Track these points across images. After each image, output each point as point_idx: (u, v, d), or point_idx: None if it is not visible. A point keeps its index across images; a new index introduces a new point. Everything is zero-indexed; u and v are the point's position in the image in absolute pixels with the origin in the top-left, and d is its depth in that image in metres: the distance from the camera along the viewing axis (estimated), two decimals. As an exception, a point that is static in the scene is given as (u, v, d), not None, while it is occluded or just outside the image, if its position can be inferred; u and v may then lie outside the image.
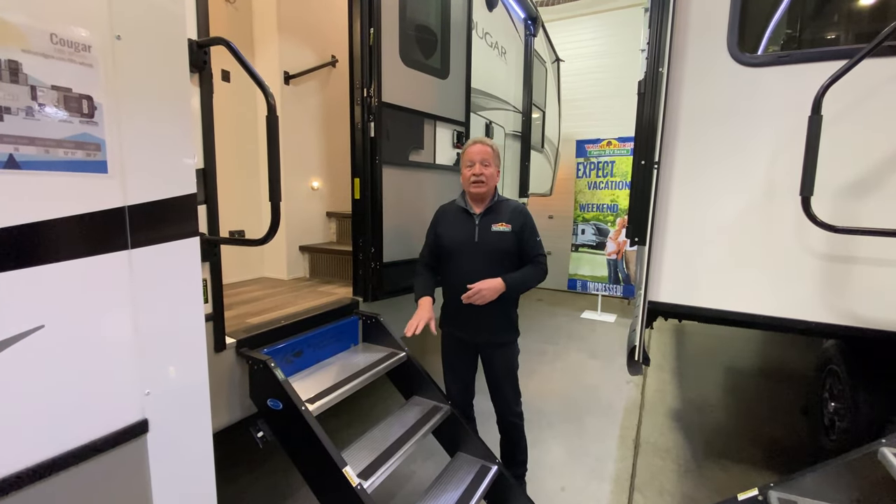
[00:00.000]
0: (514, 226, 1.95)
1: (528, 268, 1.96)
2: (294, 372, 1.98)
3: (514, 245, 1.95)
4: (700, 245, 1.91)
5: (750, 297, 1.82)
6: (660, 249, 1.98)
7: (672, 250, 1.96)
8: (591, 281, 6.39)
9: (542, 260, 1.97)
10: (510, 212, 1.99)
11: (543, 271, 1.97)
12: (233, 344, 1.76)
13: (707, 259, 1.89)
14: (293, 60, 3.09)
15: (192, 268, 0.95)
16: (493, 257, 1.94)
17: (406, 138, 2.53)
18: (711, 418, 3.30)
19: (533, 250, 1.97)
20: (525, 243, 1.97)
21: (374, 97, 2.31)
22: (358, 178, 2.39)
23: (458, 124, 2.91)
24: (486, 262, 1.94)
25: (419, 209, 2.65)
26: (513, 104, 4.58)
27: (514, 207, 2.01)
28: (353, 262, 2.47)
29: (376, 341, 2.39)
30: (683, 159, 1.93)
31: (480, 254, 1.96)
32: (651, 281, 1.98)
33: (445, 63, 2.80)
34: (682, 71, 1.89)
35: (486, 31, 3.80)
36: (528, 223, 1.99)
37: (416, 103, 2.55)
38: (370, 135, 2.34)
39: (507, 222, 1.95)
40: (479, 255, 1.96)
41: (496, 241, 1.95)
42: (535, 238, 1.99)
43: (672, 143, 1.94)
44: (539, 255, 1.97)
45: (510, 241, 1.95)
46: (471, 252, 1.97)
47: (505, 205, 2.02)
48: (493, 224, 1.96)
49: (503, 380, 2.09)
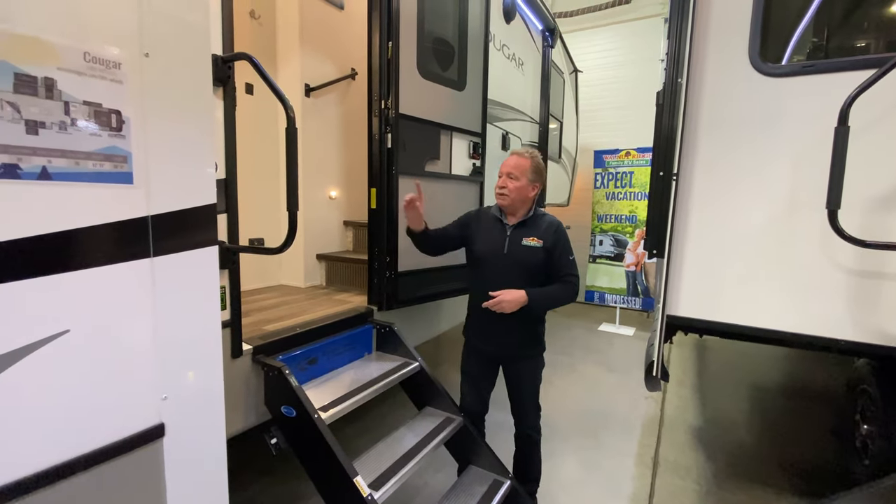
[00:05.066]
0: (546, 242, 1.93)
1: (557, 286, 1.93)
2: (308, 379, 2.00)
3: (542, 261, 1.93)
4: (721, 258, 1.86)
5: (773, 313, 1.76)
6: (678, 262, 1.94)
7: (691, 263, 1.92)
8: (608, 293, 6.30)
9: (572, 280, 1.93)
10: (545, 227, 1.96)
11: (573, 291, 1.94)
12: (249, 350, 1.79)
13: (728, 273, 1.85)
14: (314, 73, 3.17)
15: (211, 276, 0.97)
16: (521, 270, 1.93)
17: (422, 149, 2.56)
18: (734, 437, 3.19)
19: (564, 269, 1.93)
20: (556, 261, 1.93)
21: (392, 109, 2.34)
22: (374, 187, 2.42)
23: (474, 135, 2.92)
24: (513, 275, 1.92)
25: (435, 219, 2.65)
26: (530, 115, 4.59)
27: (549, 223, 1.98)
28: (369, 271, 2.49)
29: (390, 350, 2.40)
30: (703, 170, 1.89)
31: (508, 265, 1.95)
32: (669, 294, 1.93)
33: (462, 75, 2.82)
34: (702, 81, 1.86)
35: (504, 42, 3.83)
36: (562, 241, 1.95)
37: (432, 114, 2.58)
38: (387, 145, 2.37)
39: (540, 237, 1.93)
40: (507, 267, 1.95)
41: (525, 254, 1.93)
42: (567, 256, 1.95)
43: (691, 154, 1.91)
44: (570, 275, 1.93)
45: (539, 256, 1.92)
46: (498, 262, 1.97)
47: (541, 220, 2.00)
48: (524, 237, 1.94)
49: (523, 394, 2.07)
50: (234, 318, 1.71)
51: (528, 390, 2.07)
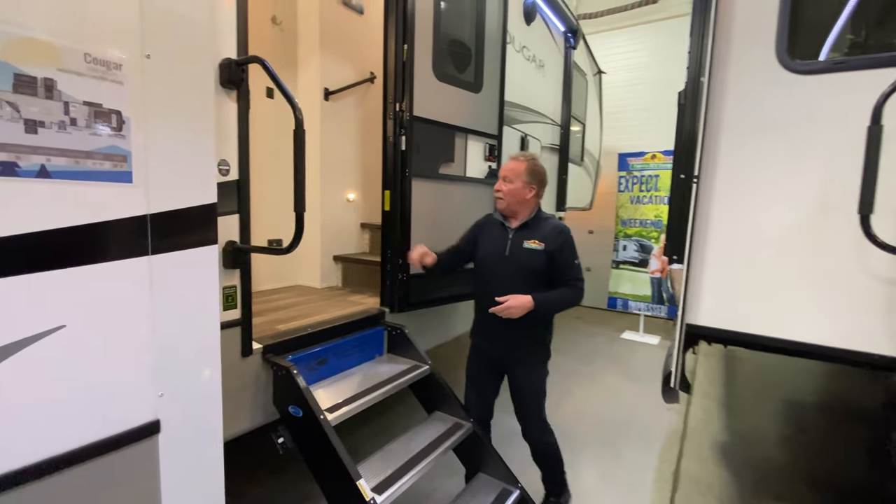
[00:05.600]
0: (548, 245, 1.92)
1: (564, 290, 1.92)
2: (318, 380, 2.01)
3: (545, 264, 1.92)
4: (744, 265, 1.77)
5: (802, 324, 1.66)
6: (699, 269, 1.86)
7: (713, 270, 1.83)
8: (632, 300, 6.12)
9: (578, 284, 1.93)
10: (548, 231, 1.95)
11: (579, 295, 1.93)
12: (259, 349, 1.81)
13: (752, 280, 1.75)
14: (333, 77, 3.21)
15: (210, 275, 0.98)
16: (522, 273, 1.93)
17: (436, 151, 2.55)
18: (761, 453, 3.03)
19: (569, 273, 1.93)
20: (561, 265, 1.92)
21: (406, 111, 2.34)
22: (388, 190, 2.42)
23: (490, 137, 2.90)
24: (514, 278, 1.93)
25: (449, 221, 2.64)
26: (550, 117, 4.52)
27: (553, 227, 1.97)
28: (381, 273, 2.49)
29: (401, 353, 2.38)
30: (726, 173, 1.81)
31: (509, 268, 1.95)
32: (689, 302, 1.85)
33: (479, 77, 2.80)
34: (725, 79, 1.78)
35: (524, 44, 3.79)
36: (567, 245, 1.94)
37: (447, 117, 2.56)
38: (401, 148, 2.37)
39: (542, 241, 1.92)
40: (508, 270, 1.95)
41: (526, 257, 1.93)
42: (572, 260, 1.94)
43: (713, 156, 1.83)
44: (575, 279, 1.93)
45: (541, 259, 1.92)
46: (500, 265, 1.98)
47: (545, 223, 1.99)
48: (525, 240, 1.94)
49: (525, 399, 2.07)
50: (244, 317, 1.73)
51: (529, 396, 2.06)
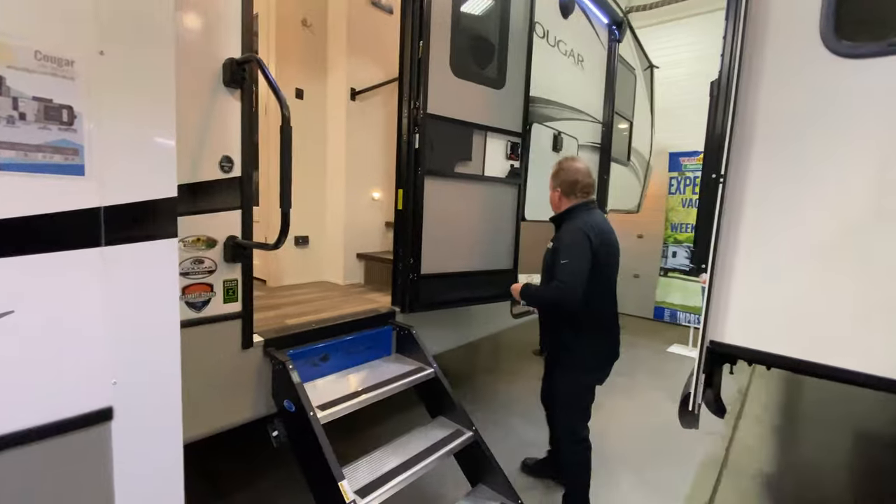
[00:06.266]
0: (554, 244, 2.09)
1: (545, 286, 2.12)
2: (318, 376, 2.02)
3: (550, 260, 2.08)
4: (778, 277, 1.55)
5: (845, 347, 1.42)
6: (726, 280, 1.65)
7: (741, 281, 1.63)
8: (681, 311, 5.70)
9: (554, 284, 1.93)
10: (562, 231, 2.10)
11: (555, 294, 1.94)
12: (260, 342, 1.85)
13: (787, 295, 1.53)
14: (360, 77, 3.25)
15: (168, 268, 1.00)
16: (545, 269, 2.17)
17: (452, 149, 2.49)
18: (813, 491, 2.67)
19: (557, 272, 1.95)
20: (555, 262, 1.99)
21: (420, 109, 2.31)
22: (401, 188, 2.40)
23: (513, 135, 2.79)
24: (544, 272, 2.18)
25: (463, 221, 2.58)
26: (590, 114, 4.30)
27: (567, 227, 2.06)
28: (393, 272, 2.47)
29: (408, 354, 2.35)
30: (759, 171, 1.59)
31: (543, 264, 2.20)
32: (712, 317, 1.65)
33: (502, 73, 2.71)
34: (761, 65, 1.57)
35: (560, 38, 3.63)
36: (563, 244, 1.99)
37: (465, 114, 2.49)
38: (414, 146, 2.34)
39: (554, 240, 2.11)
40: (543, 265, 2.21)
41: (547, 254, 2.16)
42: (559, 261, 1.95)
43: (745, 152, 1.62)
44: (561, 276, 1.92)
45: (549, 256, 2.12)
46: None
47: (566, 223, 2.09)
48: (551, 241, 2.16)
49: (554, 401, 2.25)
50: (245, 310, 1.77)
51: (556, 403, 2.22)
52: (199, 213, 1.60)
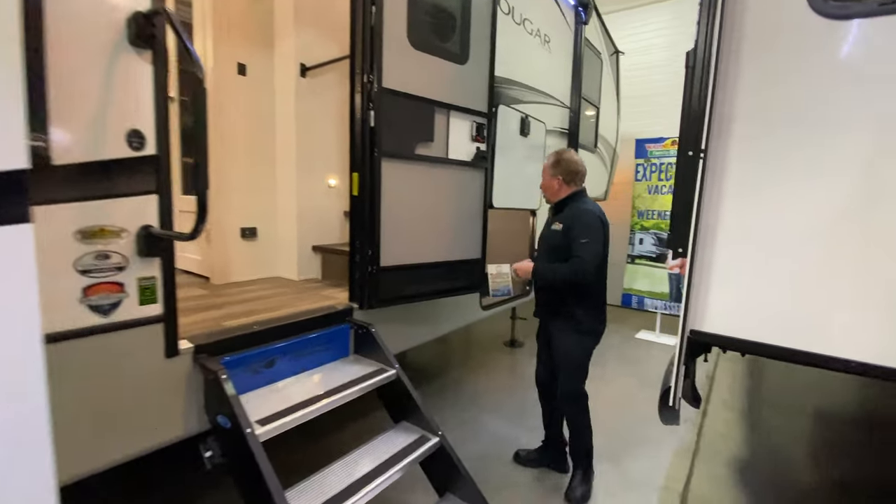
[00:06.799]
0: (564, 224, 2.20)
1: (563, 265, 2.15)
2: (262, 384, 1.78)
3: (561, 242, 2.19)
4: (763, 261, 1.43)
5: (835, 335, 1.32)
6: (706, 264, 1.53)
7: (723, 265, 1.50)
8: (648, 297, 5.71)
9: (577, 260, 2.10)
10: (570, 213, 2.22)
11: (575, 270, 2.09)
12: (189, 349, 1.60)
13: (772, 280, 1.42)
14: (311, 52, 2.97)
15: (18, 260, 0.75)
16: (547, 248, 2.30)
17: (412, 129, 2.27)
18: (786, 474, 2.66)
19: (573, 250, 2.13)
20: (570, 241, 2.14)
21: (375, 83, 2.08)
22: (357, 172, 2.17)
23: (478, 115, 2.59)
24: (544, 252, 2.32)
25: (427, 208, 2.37)
26: (558, 98, 4.17)
27: (576, 210, 2.21)
28: (349, 265, 2.24)
29: (368, 354, 2.14)
30: (741, 147, 1.47)
31: (542, 245, 2.37)
32: (693, 305, 1.53)
33: (465, 47, 2.50)
34: (742, 32, 1.44)
35: (525, 17, 3.46)
36: (576, 224, 2.15)
37: (425, 90, 2.28)
38: (369, 124, 2.11)
39: (561, 222, 2.22)
40: (542, 247, 2.37)
41: (550, 237, 2.29)
42: (578, 239, 2.12)
43: (726, 127, 1.49)
44: (575, 256, 2.11)
45: (558, 238, 2.22)
46: (540, 244, 2.41)
47: (571, 207, 2.25)
48: (554, 223, 2.27)
49: (558, 364, 2.35)
50: (168, 312, 1.51)
51: (561, 361, 2.32)
52: (102, 199, 1.33)
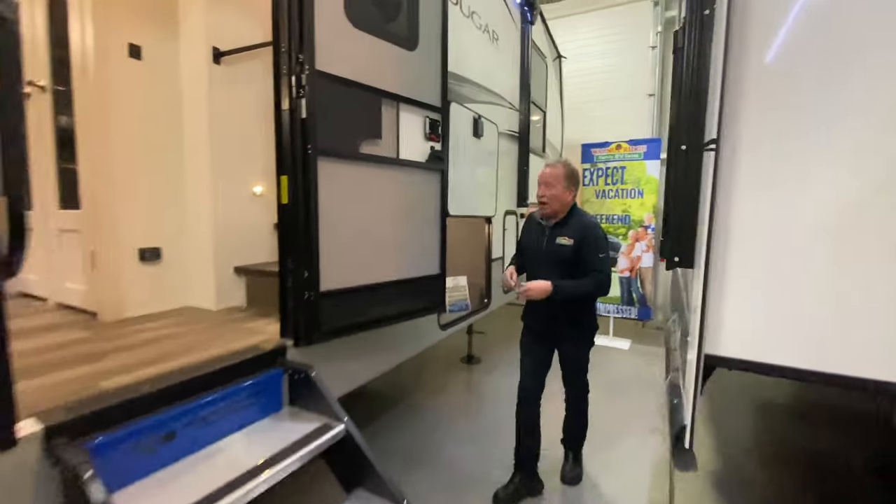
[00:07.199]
0: (576, 240, 2.15)
1: (585, 279, 2.12)
2: (157, 468, 1.28)
3: (572, 256, 2.15)
4: (789, 272, 1.21)
5: (878, 356, 1.12)
6: (718, 276, 1.29)
7: (739, 277, 1.27)
8: (601, 301, 5.67)
9: (598, 275, 2.11)
10: (579, 227, 2.18)
11: (598, 285, 2.11)
12: (36, 434, 1.08)
13: (798, 294, 1.20)
14: (227, 34, 2.47)
15: None
16: (554, 264, 2.19)
17: (355, 123, 1.88)
18: (759, 487, 2.55)
19: (591, 265, 2.12)
20: (585, 257, 2.13)
21: (306, 64, 1.66)
22: (286, 175, 1.73)
23: (431, 110, 2.25)
24: (548, 268, 2.20)
25: (377, 217, 1.98)
26: (508, 99, 3.95)
27: (583, 223, 2.19)
28: (280, 292, 1.79)
29: (306, 405, 1.69)
30: (753, 137, 1.25)
31: (544, 260, 2.24)
32: (708, 326, 1.28)
33: (413, 30, 2.16)
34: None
35: (474, 10, 3.19)
36: (589, 238, 2.13)
37: (369, 77, 1.90)
38: (300, 115, 1.69)
39: (570, 237, 2.16)
40: (544, 261, 2.24)
41: (557, 251, 2.19)
42: (596, 254, 2.12)
43: (732, 116, 1.27)
44: (595, 270, 2.11)
45: (568, 252, 2.16)
46: (538, 258, 2.29)
47: (576, 220, 2.20)
48: (558, 237, 2.19)
49: (570, 369, 2.41)
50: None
51: (572, 369, 2.40)
52: None
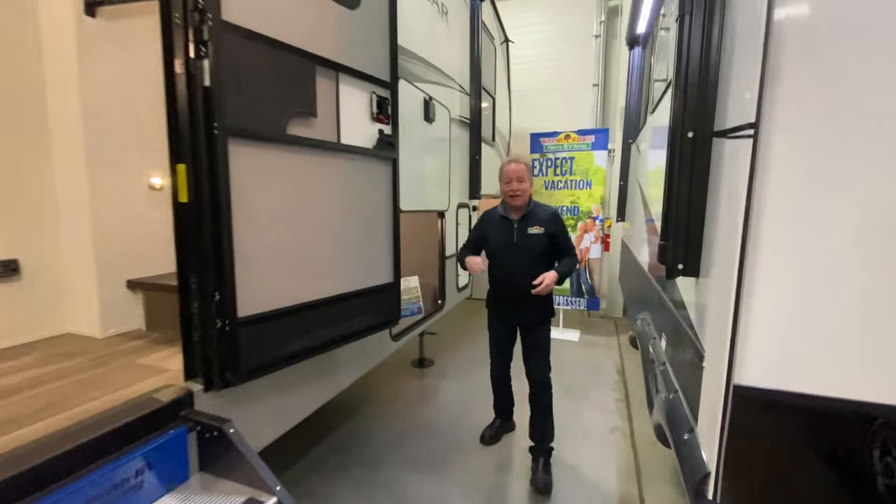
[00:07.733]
0: (547, 229, 2.33)
1: (568, 259, 2.37)
2: None
3: (546, 244, 2.33)
4: (832, 284, 1.00)
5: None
6: (746, 290, 1.06)
7: (771, 292, 1.05)
8: (551, 294, 5.59)
9: (574, 252, 2.40)
10: (545, 217, 2.35)
11: (574, 264, 2.38)
12: None
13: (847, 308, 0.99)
14: (103, -23, 1.89)
15: None
16: (530, 254, 2.34)
17: (280, 96, 1.44)
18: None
19: (566, 249, 2.38)
20: (561, 243, 2.36)
21: (208, 12, 1.21)
22: (183, 163, 1.27)
23: (379, 84, 1.85)
24: (524, 259, 2.34)
25: (312, 217, 1.57)
26: (458, 82, 3.62)
27: (548, 213, 2.38)
28: (181, 320, 1.33)
29: (224, 471, 1.27)
30: (789, 121, 1.02)
31: (519, 252, 2.35)
32: (738, 352, 1.04)
33: (354, -16, 1.74)
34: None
35: (421, -26, 2.81)
36: (561, 226, 2.38)
37: (296, 37, 1.47)
38: (202, 82, 1.23)
39: (542, 226, 2.33)
40: (518, 253, 2.35)
41: (531, 241, 2.33)
42: (567, 238, 2.40)
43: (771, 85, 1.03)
44: (572, 249, 2.40)
45: (543, 241, 2.33)
46: (511, 251, 2.37)
47: (540, 210, 2.38)
48: (529, 228, 2.33)
49: (541, 350, 2.47)
50: None
51: (543, 351, 2.48)
52: None
